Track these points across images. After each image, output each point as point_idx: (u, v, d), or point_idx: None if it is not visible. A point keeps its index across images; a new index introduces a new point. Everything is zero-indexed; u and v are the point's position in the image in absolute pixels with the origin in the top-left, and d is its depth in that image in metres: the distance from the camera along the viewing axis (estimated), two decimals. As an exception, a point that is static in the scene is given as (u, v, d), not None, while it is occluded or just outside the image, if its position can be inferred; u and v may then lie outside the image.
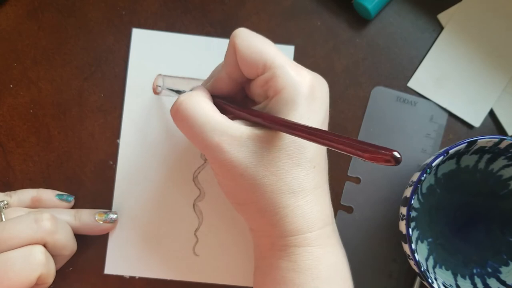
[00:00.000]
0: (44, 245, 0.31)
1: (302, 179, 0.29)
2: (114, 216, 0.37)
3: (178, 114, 0.29)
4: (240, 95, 0.33)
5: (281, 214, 0.29)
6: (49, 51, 0.39)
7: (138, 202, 0.38)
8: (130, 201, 0.38)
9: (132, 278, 0.37)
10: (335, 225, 0.32)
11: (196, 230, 0.38)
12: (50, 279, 0.32)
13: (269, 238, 0.30)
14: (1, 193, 0.35)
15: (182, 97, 0.30)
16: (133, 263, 0.37)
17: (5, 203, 0.34)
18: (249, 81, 0.31)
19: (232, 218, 0.38)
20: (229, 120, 0.29)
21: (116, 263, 0.37)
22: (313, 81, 0.29)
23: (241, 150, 0.28)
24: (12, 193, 0.36)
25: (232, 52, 0.30)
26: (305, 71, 0.30)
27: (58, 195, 0.37)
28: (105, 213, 0.36)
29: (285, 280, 0.29)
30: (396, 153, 0.21)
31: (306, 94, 0.29)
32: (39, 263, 0.30)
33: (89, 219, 0.36)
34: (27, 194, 0.36)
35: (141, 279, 0.37)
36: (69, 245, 0.34)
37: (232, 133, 0.28)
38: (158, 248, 0.37)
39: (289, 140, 0.29)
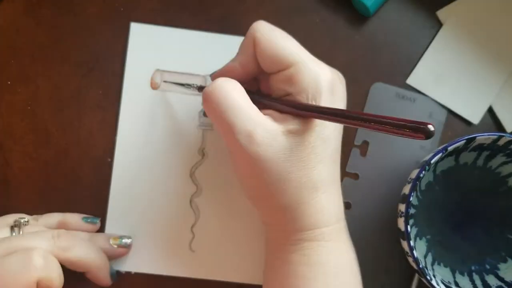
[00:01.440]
0: (60, 262, 0.31)
1: (324, 174, 0.29)
2: (129, 241, 0.36)
3: (214, 95, 0.29)
4: (253, 88, 0.33)
5: (301, 209, 0.29)
6: (47, 48, 0.38)
7: (135, 198, 0.38)
8: (126, 197, 0.38)
9: (128, 274, 0.37)
10: (345, 221, 0.32)
11: (192, 226, 0.38)
12: (55, 284, 0.29)
13: (284, 232, 0.30)
14: (29, 216, 0.35)
15: (220, 80, 0.29)
16: (129, 258, 0.37)
17: (26, 220, 0.34)
18: (265, 74, 0.31)
19: (228, 214, 0.38)
20: (263, 114, 0.29)
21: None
22: (333, 77, 0.30)
23: (272, 145, 0.28)
24: (38, 216, 0.36)
25: (250, 44, 0.30)
26: (326, 67, 0.30)
27: (84, 218, 0.36)
28: (119, 237, 0.36)
29: (296, 274, 0.30)
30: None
31: (328, 90, 0.29)
32: (37, 266, 0.28)
33: (104, 243, 0.35)
34: (53, 218, 0.36)
35: (137, 275, 0.37)
36: (90, 260, 0.33)
37: (266, 127, 0.28)
38: (154, 243, 0.37)
39: (315, 135, 0.29)
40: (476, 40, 0.38)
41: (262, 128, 0.28)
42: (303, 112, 0.28)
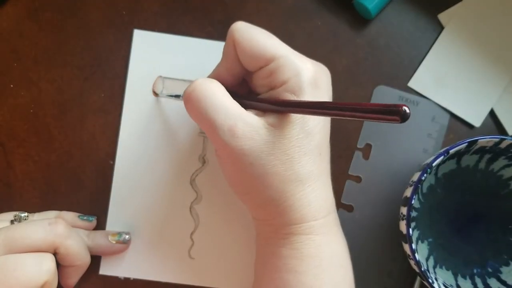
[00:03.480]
0: (56, 250, 0.31)
1: (309, 167, 0.29)
2: (127, 236, 0.36)
3: (194, 94, 0.29)
4: (243, 90, 0.33)
5: (287, 203, 0.29)
6: (49, 51, 0.39)
7: (135, 203, 0.38)
8: (126, 202, 0.38)
9: (126, 280, 0.37)
10: (336, 214, 0.32)
11: (192, 233, 0.38)
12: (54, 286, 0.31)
13: (273, 226, 0.30)
14: (27, 213, 0.36)
15: (200, 80, 0.29)
16: (128, 264, 0.37)
17: (26, 215, 0.35)
18: (250, 73, 0.31)
19: (228, 221, 0.38)
20: (243, 109, 0.29)
21: (111, 264, 0.37)
22: (316, 70, 0.30)
23: (254, 138, 0.28)
24: (36, 214, 0.36)
25: (231, 46, 0.30)
26: (308, 60, 0.30)
27: (80, 216, 0.37)
28: (118, 233, 0.36)
29: (286, 268, 0.30)
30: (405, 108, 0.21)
31: (311, 83, 0.29)
32: (48, 269, 0.30)
33: (103, 239, 0.36)
34: (49, 215, 0.36)
35: (136, 281, 0.37)
36: (81, 254, 0.33)
37: (247, 120, 0.28)
38: (154, 250, 0.37)
39: (298, 128, 0.29)
40: (477, 43, 0.38)
41: (243, 122, 0.28)
42: (277, 107, 0.28)
